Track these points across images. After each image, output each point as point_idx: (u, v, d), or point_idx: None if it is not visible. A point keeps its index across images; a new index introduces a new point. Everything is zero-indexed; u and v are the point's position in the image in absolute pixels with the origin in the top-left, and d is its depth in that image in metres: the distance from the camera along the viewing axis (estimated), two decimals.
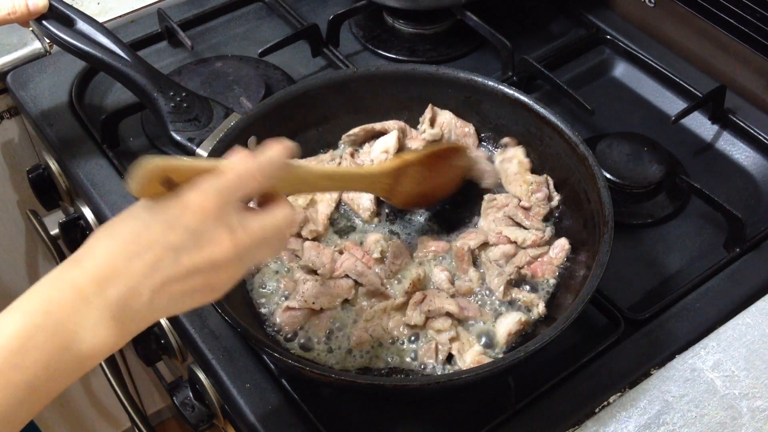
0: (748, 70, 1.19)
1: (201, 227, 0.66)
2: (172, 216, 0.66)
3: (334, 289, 0.93)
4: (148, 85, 1.05)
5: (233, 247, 0.67)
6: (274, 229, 0.70)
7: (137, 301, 0.64)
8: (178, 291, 0.66)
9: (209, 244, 0.66)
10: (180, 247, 0.65)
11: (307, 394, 0.89)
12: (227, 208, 0.67)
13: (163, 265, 0.65)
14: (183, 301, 0.67)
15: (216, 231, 0.66)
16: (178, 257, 0.65)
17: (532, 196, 1.00)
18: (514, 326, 0.89)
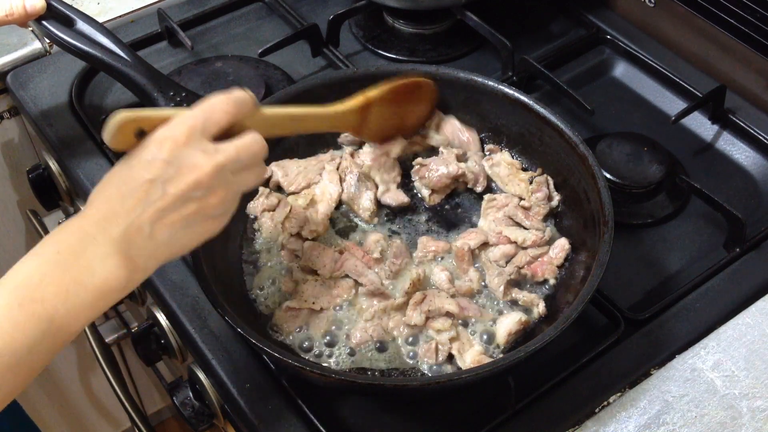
0: (748, 70, 1.19)
1: (176, 155, 0.71)
2: (148, 154, 0.71)
3: (334, 289, 0.93)
4: (148, 85, 1.05)
5: (212, 166, 0.71)
6: (246, 150, 0.75)
7: (139, 235, 0.70)
8: (175, 220, 0.71)
9: (188, 168, 0.71)
10: (163, 178, 0.70)
11: (307, 394, 0.89)
12: (197, 136, 0.72)
13: (153, 197, 0.70)
14: (184, 232, 0.72)
15: (192, 155, 0.71)
16: (164, 187, 0.70)
17: (532, 195, 1.00)
18: (514, 326, 0.89)
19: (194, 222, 0.72)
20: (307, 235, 0.97)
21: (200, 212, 0.72)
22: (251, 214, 1.00)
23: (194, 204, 0.71)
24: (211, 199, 0.72)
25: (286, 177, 1.02)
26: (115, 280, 0.69)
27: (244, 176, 0.76)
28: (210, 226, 0.74)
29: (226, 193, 0.73)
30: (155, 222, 0.70)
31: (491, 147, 1.06)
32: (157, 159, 0.70)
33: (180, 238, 0.72)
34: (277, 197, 1.01)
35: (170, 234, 0.71)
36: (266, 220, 0.99)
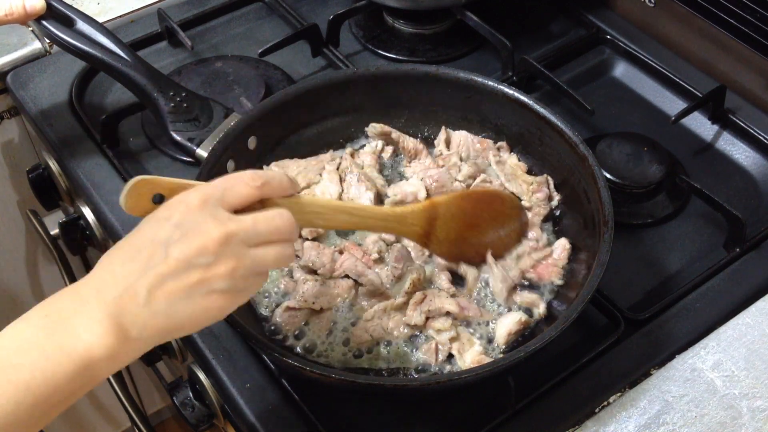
0: (748, 70, 1.19)
1: (186, 219, 0.66)
2: (159, 215, 0.67)
3: (334, 289, 0.93)
4: (148, 85, 1.05)
5: (222, 235, 0.66)
6: (266, 222, 0.69)
7: (134, 301, 0.64)
8: (175, 289, 0.65)
9: (196, 233, 0.65)
10: (168, 241, 0.65)
11: (307, 394, 0.89)
12: (213, 203, 0.67)
13: (155, 261, 0.65)
14: (185, 304, 0.65)
15: (202, 221, 0.66)
16: (168, 251, 0.65)
17: (533, 196, 1.00)
18: (514, 326, 0.89)
19: (196, 294, 0.66)
20: (307, 235, 0.97)
21: (204, 283, 0.65)
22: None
23: (197, 273, 0.65)
24: (217, 269, 0.66)
25: None
26: (101, 348, 0.63)
27: (263, 252, 0.69)
28: (215, 301, 0.67)
29: (236, 266, 0.66)
30: (153, 288, 0.64)
31: (502, 144, 1.06)
32: (166, 221, 0.66)
33: (179, 310, 0.65)
34: None
35: (168, 303, 0.65)
36: None
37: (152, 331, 0.65)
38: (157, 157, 1.15)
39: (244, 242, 0.67)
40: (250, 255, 0.68)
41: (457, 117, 1.07)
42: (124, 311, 0.64)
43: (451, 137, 1.07)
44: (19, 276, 1.54)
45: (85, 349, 0.63)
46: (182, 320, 0.66)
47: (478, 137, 1.06)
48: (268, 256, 0.69)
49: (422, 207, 0.89)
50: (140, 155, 1.16)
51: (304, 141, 1.06)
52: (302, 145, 1.06)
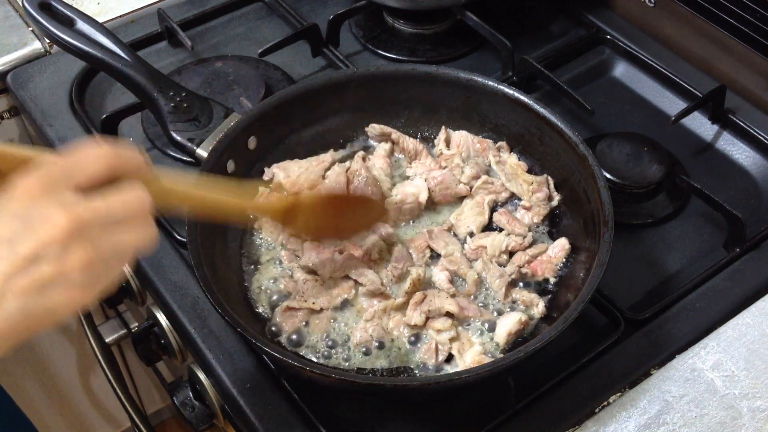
0: (748, 70, 1.19)
1: (28, 209, 0.59)
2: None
3: (334, 289, 0.93)
4: (148, 85, 1.05)
5: (71, 221, 0.59)
6: (122, 203, 0.62)
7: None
8: (26, 285, 0.58)
9: (41, 223, 0.59)
10: (10, 236, 0.59)
11: (307, 394, 0.89)
12: (57, 188, 0.60)
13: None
14: (41, 301, 0.59)
15: (47, 209, 0.59)
16: (12, 246, 0.58)
17: (533, 195, 1.00)
18: (514, 326, 0.89)
19: (51, 288, 0.59)
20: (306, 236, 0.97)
21: (59, 276, 0.59)
22: (251, 214, 1.00)
23: (49, 265, 0.58)
24: (71, 261, 0.59)
25: (288, 178, 1.02)
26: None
27: (121, 235, 0.62)
28: (76, 294, 0.60)
29: (92, 254, 0.60)
30: (2, 288, 0.58)
31: (502, 144, 1.06)
32: (5, 213, 0.59)
33: (35, 308, 0.59)
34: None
35: (22, 303, 0.58)
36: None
37: (6, 333, 0.59)
38: (157, 157, 1.15)
39: (99, 227, 0.61)
40: (108, 240, 0.61)
41: (457, 117, 1.07)
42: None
43: (451, 137, 1.07)
44: None
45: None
46: (38, 317, 0.60)
47: (478, 137, 1.06)
48: (128, 239, 0.63)
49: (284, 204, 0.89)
50: None
51: (304, 141, 1.06)
52: (302, 145, 1.06)
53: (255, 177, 1.03)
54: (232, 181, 0.93)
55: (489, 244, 0.96)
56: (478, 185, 1.02)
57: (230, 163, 0.98)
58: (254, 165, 1.03)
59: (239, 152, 0.99)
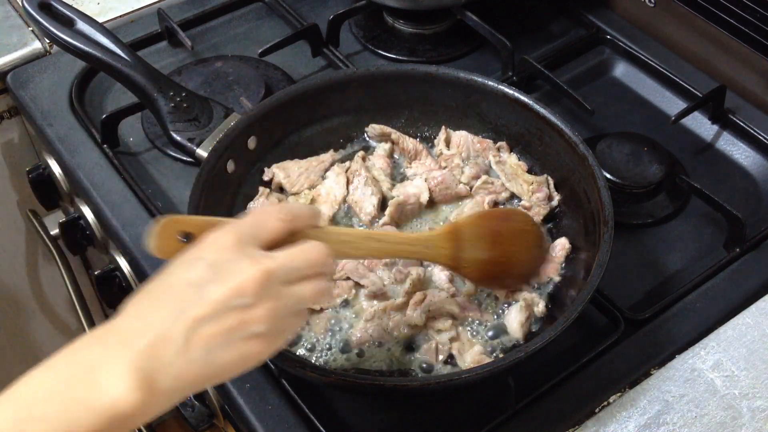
0: (748, 70, 1.19)
1: (220, 259, 0.62)
2: (191, 257, 0.63)
3: (334, 290, 0.93)
4: (148, 85, 1.05)
5: (258, 273, 0.62)
6: (302, 257, 0.66)
7: (168, 347, 0.59)
8: (213, 333, 0.60)
9: (231, 273, 0.61)
10: (202, 282, 0.61)
11: (307, 394, 0.89)
12: (246, 242, 0.64)
13: (189, 304, 0.60)
14: (223, 351, 0.61)
15: (237, 260, 0.62)
16: (203, 293, 0.61)
17: (533, 195, 1.00)
18: (522, 315, 0.89)
19: (235, 338, 0.61)
20: None
21: (242, 327, 0.61)
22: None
23: (236, 316, 0.61)
24: (255, 312, 0.62)
25: (288, 178, 1.02)
26: (125, 402, 0.58)
27: (301, 288, 0.65)
28: (255, 347, 0.62)
29: (275, 306, 0.63)
30: (190, 333, 0.59)
31: (502, 144, 1.06)
32: (199, 261, 0.62)
33: (217, 357, 0.61)
34: (277, 197, 1.01)
35: (206, 350, 0.60)
36: None
37: (185, 382, 0.61)
38: (157, 157, 1.15)
39: (282, 280, 0.64)
40: (289, 293, 0.64)
41: (457, 117, 1.07)
42: (156, 361, 0.59)
43: (451, 137, 1.07)
44: (19, 276, 1.54)
45: (110, 405, 0.58)
46: (219, 368, 0.62)
47: (478, 137, 1.06)
48: (307, 292, 0.66)
49: (445, 230, 0.88)
50: (140, 155, 1.16)
51: (304, 141, 1.06)
52: (302, 145, 1.06)
53: (255, 177, 1.03)
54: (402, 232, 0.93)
55: None
56: (478, 185, 1.02)
57: (230, 163, 0.98)
58: (254, 165, 1.03)
59: (239, 152, 0.99)
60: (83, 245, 1.28)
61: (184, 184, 1.09)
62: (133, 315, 0.62)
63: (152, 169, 1.14)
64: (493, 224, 0.92)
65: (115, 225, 1.06)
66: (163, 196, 1.10)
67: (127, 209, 1.07)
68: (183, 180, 1.11)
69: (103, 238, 1.19)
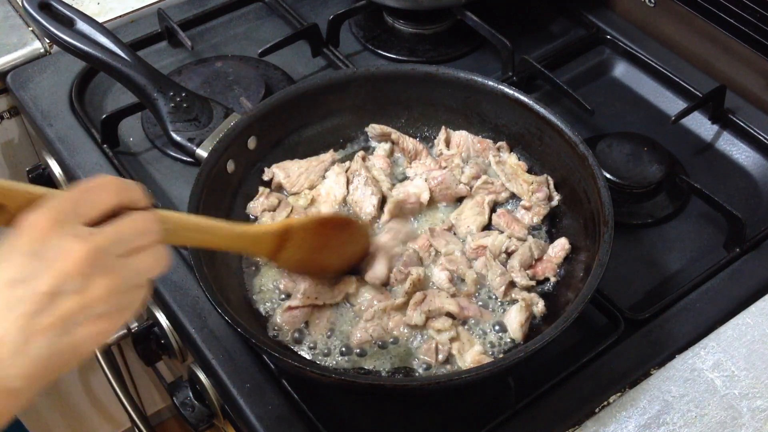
0: (748, 70, 1.19)
1: (42, 245, 0.57)
2: (7, 249, 0.58)
3: (335, 286, 0.93)
4: (148, 85, 1.05)
5: (88, 251, 0.58)
6: (132, 227, 0.61)
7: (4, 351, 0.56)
8: (50, 324, 0.57)
9: (57, 257, 0.57)
10: (22, 276, 0.57)
11: (307, 394, 0.89)
12: (66, 221, 0.58)
13: (15, 302, 0.56)
14: (68, 338, 0.57)
15: (60, 242, 0.57)
16: (29, 285, 0.56)
17: (533, 195, 1.00)
18: (521, 315, 0.89)
19: (77, 323, 0.58)
20: None
21: (81, 311, 0.57)
22: (251, 214, 1.00)
23: (71, 300, 0.57)
24: (92, 291, 0.58)
25: (288, 178, 1.02)
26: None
27: (137, 260, 0.61)
28: (102, 325, 0.59)
29: (112, 283, 0.59)
30: (24, 332, 0.56)
31: (502, 144, 1.06)
32: (14, 254, 0.57)
33: (62, 346, 0.57)
34: (277, 197, 1.01)
35: (48, 343, 0.56)
36: (267, 221, 0.99)
37: (35, 378, 0.57)
38: (157, 157, 1.15)
39: (115, 254, 0.60)
40: (124, 266, 0.60)
41: (457, 117, 1.07)
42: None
43: (451, 137, 1.07)
44: None
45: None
46: (66, 355, 0.58)
47: (478, 137, 1.06)
48: (145, 263, 0.62)
49: (277, 228, 0.86)
50: (140, 155, 1.16)
51: (304, 141, 1.06)
52: (302, 145, 1.06)
53: (255, 177, 1.03)
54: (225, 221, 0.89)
55: (490, 244, 0.96)
56: (478, 185, 1.02)
57: (230, 163, 0.98)
58: (254, 165, 1.03)
59: (239, 152, 0.99)
60: None
61: (184, 184, 1.09)
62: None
63: (152, 169, 1.14)
64: (325, 231, 0.90)
65: None
66: (163, 196, 1.10)
67: None
68: (183, 180, 1.11)
69: None
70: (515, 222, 0.99)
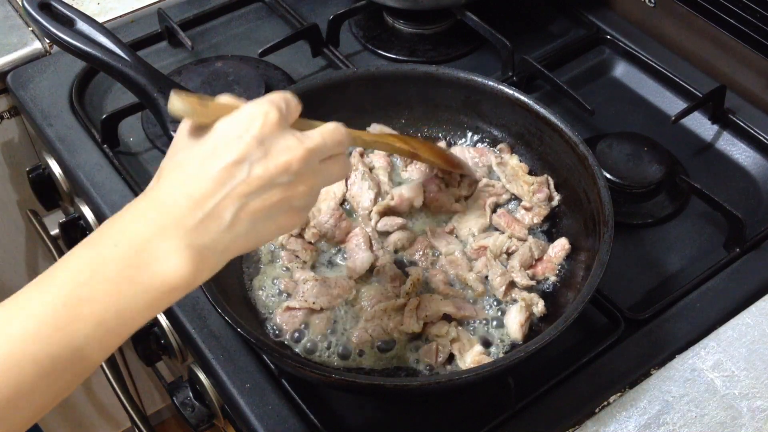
0: (748, 70, 1.19)
1: (268, 135, 0.64)
2: (235, 130, 0.63)
3: (334, 289, 0.93)
4: (148, 85, 1.05)
5: (304, 150, 0.65)
6: (331, 137, 0.69)
7: (216, 224, 0.61)
8: (258, 208, 0.63)
9: (279, 151, 0.64)
10: (251, 159, 0.62)
11: (307, 394, 0.89)
12: (286, 123, 0.66)
13: (236, 180, 0.62)
14: (265, 224, 0.64)
15: (283, 138, 0.64)
16: (251, 169, 0.62)
17: (534, 196, 1.00)
18: (521, 316, 0.89)
19: (277, 213, 0.65)
20: (310, 237, 0.97)
21: (285, 201, 0.65)
22: None
23: (280, 191, 0.64)
24: (298, 188, 0.65)
25: None
26: (179, 278, 0.60)
27: (330, 166, 0.70)
28: (291, 219, 0.67)
29: (313, 182, 0.67)
30: (237, 209, 0.62)
31: (503, 147, 1.06)
32: (247, 136, 0.63)
33: (259, 230, 0.64)
34: None
35: (250, 224, 0.63)
36: None
37: (229, 253, 0.64)
38: (157, 157, 1.15)
39: (318, 159, 0.67)
40: (323, 170, 0.68)
41: (457, 117, 1.07)
42: (206, 236, 0.61)
43: None
44: (19, 276, 1.54)
45: (162, 282, 0.60)
46: (258, 239, 0.65)
47: (475, 147, 1.06)
48: (335, 169, 0.71)
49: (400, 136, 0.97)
50: (140, 155, 1.16)
51: None
52: None
53: None
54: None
55: (491, 244, 0.96)
56: (479, 187, 1.01)
57: None
58: None
59: None
60: None
61: None
62: (176, 187, 0.62)
63: (152, 169, 1.14)
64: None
65: None
66: None
67: None
68: None
69: None
70: (515, 222, 0.99)
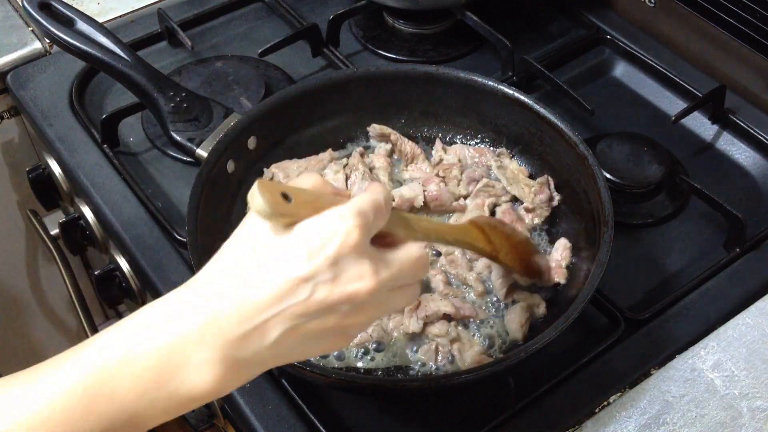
0: (748, 70, 1.19)
1: (342, 257, 0.57)
2: (310, 244, 0.57)
3: None
4: (148, 85, 1.05)
5: (375, 283, 0.58)
6: (411, 267, 0.62)
7: (260, 339, 0.57)
8: (308, 331, 0.58)
9: (351, 279, 0.57)
10: (318, 278, 0.56)
11: (307, 394, 0.88)
12: (367, 237, 0.58)
13: (297, 298, 0.56)
14: (309, 345, 0.59)
15: (360, 265, 0.58)
16: (315, 289, 0.56)
17: (535, 198, 1.00)
18: (522, 316, 0.89)
19: (326, 336, 0.59)
20: None
21: (338, 328, 0.59)
22: None
23: (337, 318, 0.58)
24: (357, 317, 0.59)
25: (288, 178, 1.02)
26: (204, 392, 0.57)
27: (398, 296, 0.63)
28: (339, 343, 0.61)
29: (374, 313, 0.61)
30: (287, 329, 0.57)
31: (502, 151, 1.06)
32: (321, 255, 0.56)
33: (303, 351, 0.60)
34: None
35: (295, 344, 0.58)
36: None
37: (265, 368, 0.60)
38: (157, 157, 1.15)
39: (387, 289, 0.61)
40: (388, 302, 0.62)
41: (457, 117, 1.07)
42: (245, 351, 0.57)
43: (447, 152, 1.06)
44: (19, 276, 1.54)
45: (188, 391, 0.57)
46: (299, 358, 0.61)
47: (474, 147, 1.06)
48: (402, 300, 0.64)
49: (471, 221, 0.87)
50: (140, 155, 1.16)
51: (304, 141, 1.06)
52: (302, 145, 1.06)
53: (255, 177, 1.03)
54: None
55: None
56: (479, 188, 1.01)
57: (230, 163, 0.98)
58: (254, 165, 1.03)
59: (239, 152, 0.99)
60: (83, 245, 1.28)
61: (184, 184, 1.09)
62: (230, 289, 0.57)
63: (152, 169, 1.14)
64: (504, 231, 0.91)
65: (115, 225, 1.06)
66: (163, 196, 1.10)
67: (127, 209, 1.07)
68: (183, 180, 1.11)
69: (103, 238, 1.19)
70: (518, 221, 0.99)
